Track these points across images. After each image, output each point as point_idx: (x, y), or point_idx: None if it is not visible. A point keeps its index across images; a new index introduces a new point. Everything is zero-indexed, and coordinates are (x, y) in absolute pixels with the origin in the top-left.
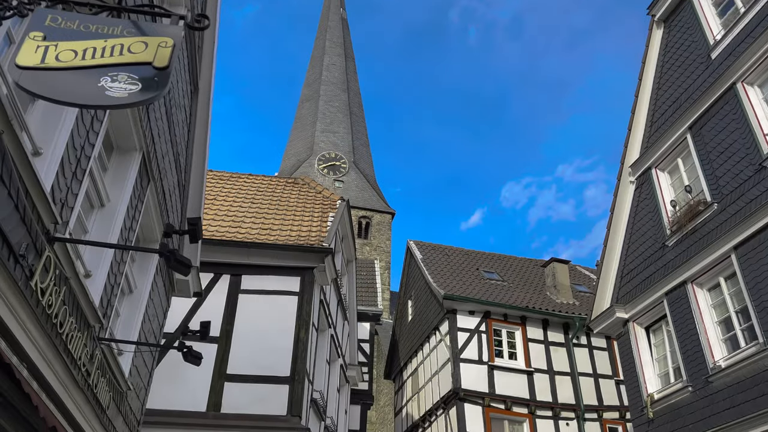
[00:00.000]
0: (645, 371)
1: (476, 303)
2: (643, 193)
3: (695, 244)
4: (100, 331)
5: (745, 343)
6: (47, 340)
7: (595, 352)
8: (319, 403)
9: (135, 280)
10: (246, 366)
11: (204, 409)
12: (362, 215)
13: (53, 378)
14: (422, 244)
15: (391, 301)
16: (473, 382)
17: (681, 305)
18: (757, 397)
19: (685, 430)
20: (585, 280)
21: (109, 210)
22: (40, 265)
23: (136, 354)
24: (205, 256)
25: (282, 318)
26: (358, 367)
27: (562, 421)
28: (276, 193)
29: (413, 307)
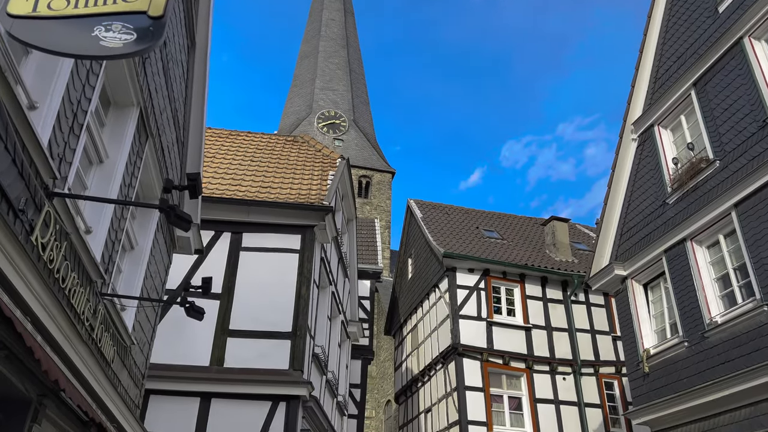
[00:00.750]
0: (642, 327)
1: (476, 261)
2: (645, 151)
3: (696, 201)
4: (102, 286)
5: (742, 300)
6: (50, 294)
7: (593, 308)
8: (320, 357)
9: (136, 237)
10: (248, 322)
11: (207, 363)
12: (362, 174)
13: (57, 332)
14: (422, 203)
15: (391, 259)
16: (472, 338)
17: (679, 262)
18: (752, 352)
19: (679, 384)
20: (584, 239)
21: (108, 166)
22: (40, 220)
23: (139, 310)
24: (206, 214)
25: (283, 275)
26: (359, 324)
27: (559, 376)
28: (276, 151)
29: (413, 265)
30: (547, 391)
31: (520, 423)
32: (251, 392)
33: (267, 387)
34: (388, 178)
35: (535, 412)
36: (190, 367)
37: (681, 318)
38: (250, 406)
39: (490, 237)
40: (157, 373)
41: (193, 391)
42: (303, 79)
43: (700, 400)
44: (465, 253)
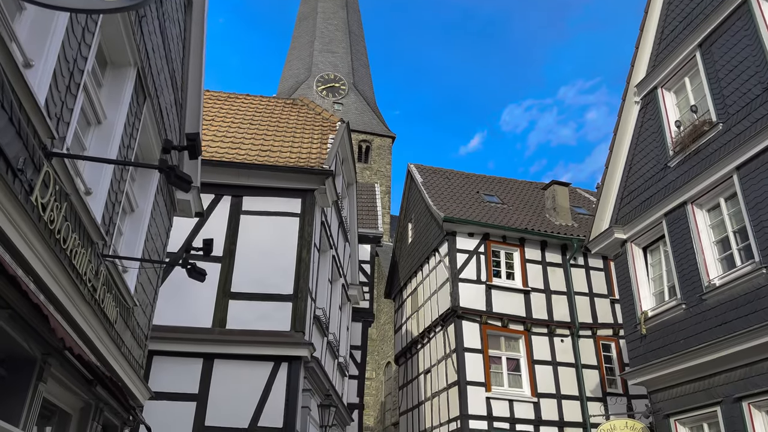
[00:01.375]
0: (640, 289)
1: (475, 225)
2: (648, 114)
3: (697, 164)
4: (103, 248)
5: (740, 262)
6: (51, 254)
7: (592, 272)
8: (321, 319)
9: (136, 199)
10: (250, 284)
11: (210, 325)
12: (362, 139)
13: (60, 292)
14: (423, 168)
15: (391, 224)
16: (471, 301)
17: (679, 226)
18: (749, 314)
19: (676, 346)
20: (584, 203)
21: (106, 127)
22: (39, 180)
23: (141, 271)
24: (206, 177)
25: (284, 238)
26: (359, 287)
27: (557, 338)
28: (275, 114)
29: (413, 229)
30: (545, 352)
31: (518, 384)
32: (253, 353)
33: (269, 348)
34: (388, 142)
35: (533, 373)
36: (192, 329)
37: (679, 281)
38: (253, 367)
39: (490, 201)
40: (160, 334)
41: (196, 352)
42: (302, 42)
43: (696, 361)
44: (465, 218)
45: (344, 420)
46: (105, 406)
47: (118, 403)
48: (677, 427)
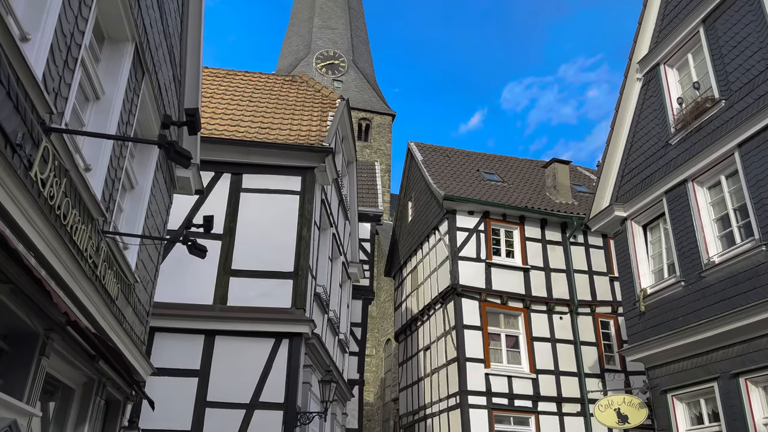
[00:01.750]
0: (640, 267)
1: (476, 203)
2: (650, 91)
3: (699, 142)
4: (104, 224)
5: (740, 240)
6: (52, 230)
7: (591, 250)
8: (322, 297)
9: (136, 176)
10: (250, 262)
11: (211, 302)
12: (362, 117)
13: (61, 267)
14: (423, 146)
15: (391, 203)
16: (471, 279)
17: (680, 203)
18: (748, 291)
19: (675, 323)
20: (585, 181)
21: (105, 103)
22: (38, 155)
23: (142, 248)
24: (205, 155)
25: (284, 216)
26: (360, 265)
27: (556, 315)
28: (274, 91)
29: (413, 208)
30: (544, 329)
31: (517, 360)
32: (254, 330)
33: (270, 325)
34: (388, 120)
35: (532, 350)
36: (193, 306)
37: (679, 258)
38: (254, 343)
39: (491, 180)
40: (162, 311)
41: (198, 329)
42: (301, 18)
43: (694, 338)
44: (465, 196)
45: (345, 396)
46: (108, 381)
47: (120, 379)
48: (674, 403)
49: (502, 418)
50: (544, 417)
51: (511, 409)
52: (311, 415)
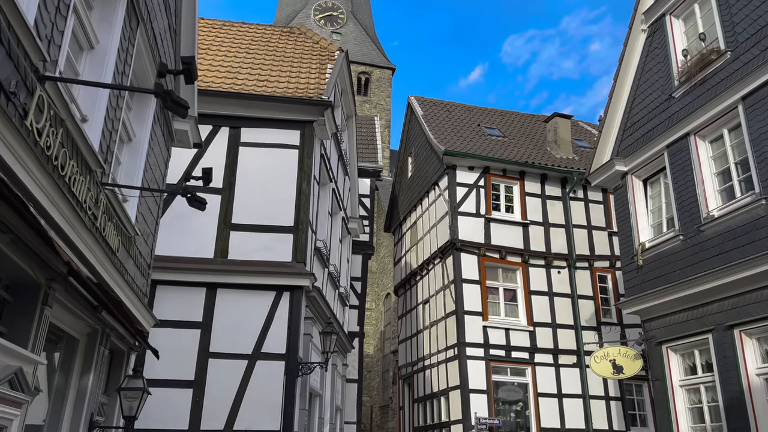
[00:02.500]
0: (639, 221)
1: (476, 159)
2: (654, 43)
3: (703, 95)
4: (102, 176)
5: (740, 194)
6: (50, 180)
7: (591, 205)
8: (322, 251)
9: (133, 128)
10: (250, 216)
11: (212, 255)
12: (361, 71)
13: (60, 218)
14: (423, 100)
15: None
16: (470, 234)
17: (681, 157)
18: (746, 245)
19: (672, 276)
20: (586, 136)
21: (99, 53)
22: (33, 104)
23: (141, 201)
24: (203, 108)
25: (283, 170)
26: (359, 220)
27: (554, 270)
28: (271, 43)
29: (413, 163)
30: (542, 283)
31: (515, 313)
32: (256, 283)
33: (271, 278)
34: (388, 74)
35: (530, 303)
36: (195, 259)
37: (678, 212)
38: (255, 296)
39: (492, 134)
40: (163, 264)
41: (199, 282)
42: None
43: (691, 291)
44: (465, 151)
45: (345, 347)
46: (111, 331)
47: (123, 329)
48: (669, 354)
49: (499, 369)
50: (541, 368)
51: (508, 361)
52: (312, 366)
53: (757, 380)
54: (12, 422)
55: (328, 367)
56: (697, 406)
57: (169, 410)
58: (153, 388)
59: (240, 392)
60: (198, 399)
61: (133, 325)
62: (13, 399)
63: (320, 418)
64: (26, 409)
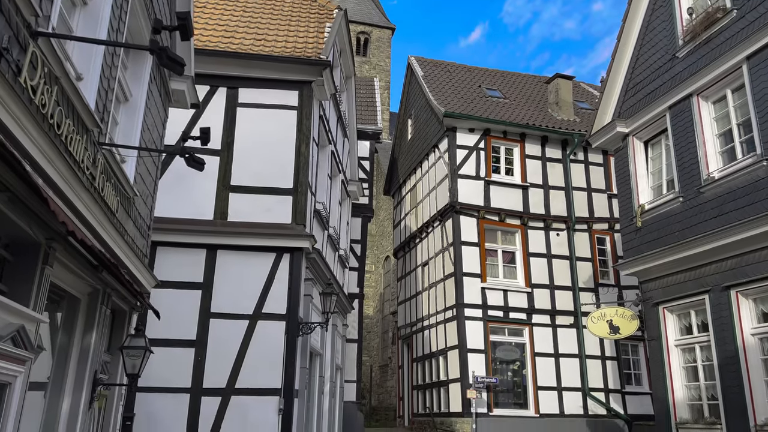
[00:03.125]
0: (639, 183)
1: (476, 121)
2: (659, 1)
3: (707, 54)
4: (99, 136)
5: (741, 155)
6: (46, 138)
7: (591, 167)
8: (321, 213)
9: (129, 88)
10: (249, 178)
11: (211, 217)
12: (360, 31)
13: (58, 177)
14: (424, 61)
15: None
16: (469, 196)
17: (683, 118)
18: (746, 206)
19: (670, 238)
20: (588, 97)
21: (93, 9)
22: (26, 61)
23: (139, 162)
24: (199, 68)
25: (282, 132)
26: (359, 183)
27: (553, 232)
28: (269, 0)
29: (413, 125)
30: (541, 245)
31: (513, 275)
32: (256, 244)
33: (271, 240)
34: (388, 34)
35: (528, 265)
36: (194, 221)
37: (678, 174)
38: (256, 258)
39: (492, 96)
40: (163, 226)
41: (199, 243)
42: None
43: (689, 252)
44: (466, 113)
45: (345, 308)
46: (112, 291)
47: (125, 289)
48: (665, 314)
49: (496, 329)
50: (538, 329)
51: (506, 321)
52: (313, 326)
53: (751, 339)
54: (16, 379)
55: (328, 328)
56: (691, 365)
57: (171, 369)
58: (155, 347)
59: (241, 351)
60: (200, 358)
61: (132, 286)
62: (17, 356)
63: (321, 376)
64: (30, 366)
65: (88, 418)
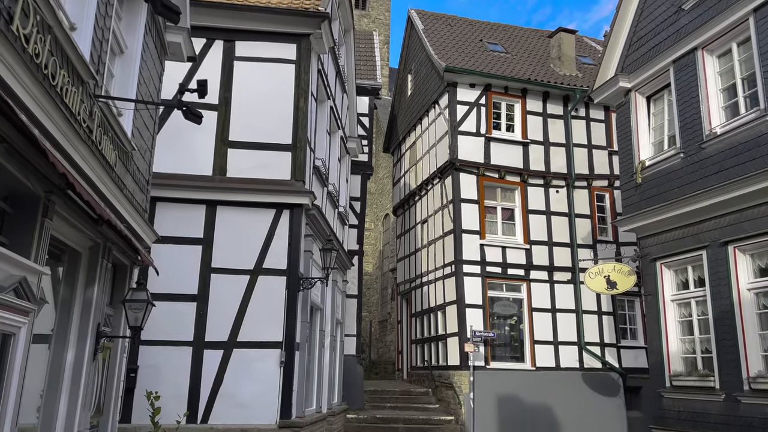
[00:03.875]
0: (640, 139)
1: (478, 76)
2: None
3: (713, 6)
4: (95, 88)
5: (745, 110)
6: (41, 88)
7: (592, 123)
8: (321, 170)
9: (124, 39)
10: (247, 133)
11: (210, 173)
12: None
13: (54, 129)
14: (424, 14)
15: (390, 78)
16: (469, 153)
17: (687, 73)
18: (747, 162)
19: (670, 194)
20: (590, 52)
21: None
22: (17, 8)
23: (137, 116)
24: (195, 20)
25: (280, 86)
26: (358, 140)
27: (552, 189)
28: None
29: (413, 81)
30: (540, 202)
31: (512, 232)
32: (255, 200)
33: (270, 196)
34: None
35: (527, 222)
36: (193, 177)
37: (680, 129)
38: (255, 214)
39: (494, 51)
40: (162, 181)
41: (199, 199)
42: None
43: (688, 208)
44: (467, 68)
45: (345, 264)
46: (113, 245)
47: (125, 243)
48: (662, 270)
49: (494, 285)
50: (536, 284)
51: (504, 277)
52: (313, 281)
53: (747, 294)
54: (20, 329)
55: (328, 283)
56: (686, 319)
57: (174, 323)
58: (157, 301)
59: (243, 306)
60: (202, 312)
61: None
62: (20, 307)
63: (321, 330)
64: (33, 318)
65: (92, 369)
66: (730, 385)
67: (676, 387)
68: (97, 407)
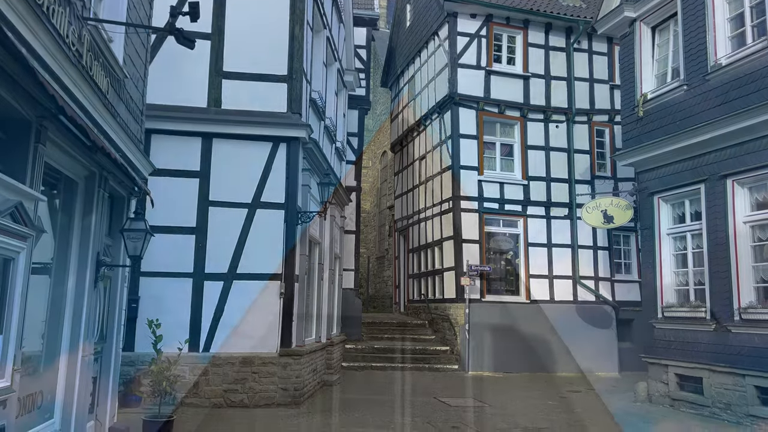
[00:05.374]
0: (643, 71)
1: (479, 5)
2: None
3: None
4: (83, 10)
5: (752, 40)
6: (25, 5)
7: (595, 56)
8: (317, 103)
9: None
10: (242, 63)
11: (205, 104)
12: None
13: (42, 49)
14: None
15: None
16: (469, 87)
17: (694, 1)
18: (751, 93)
19: (672, 127)
20: None
21: None
22: None
23: (128, 43)
24: None
25: (274, 14)
26: (355, 73)
27: (552, 124)
28: None
29: (412, 11)
30: (539, 138)
31: (510, 167)
32: (251, 133)
33: (266, 128)
34: None
35: (525, 158)
36: (188, 108)
37: (685, 60)
38: (252, 147)
39: None
40: (156, 113)
41: (194, 131)
42: None
43: (689, 141)
44: None
45: (343, 200)
46: (109, 174)
47: (121, 173)
48: (659, 204)
49: (492, 221)
50: (532, 220)
51: (501, 213)
52: (311, 214)
53: (743, 227)
54: (19, 255)
55: (326, 218)
56: (681, 252)
57: (173, 255)
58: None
59: (242, 238)
60: (201, 244)
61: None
62: (17, 232)
63: (320, 263)
64: (31, 243)
65: (94, 297)
66: (721, 316)
67: (668, 318)
68: (100, 334)
